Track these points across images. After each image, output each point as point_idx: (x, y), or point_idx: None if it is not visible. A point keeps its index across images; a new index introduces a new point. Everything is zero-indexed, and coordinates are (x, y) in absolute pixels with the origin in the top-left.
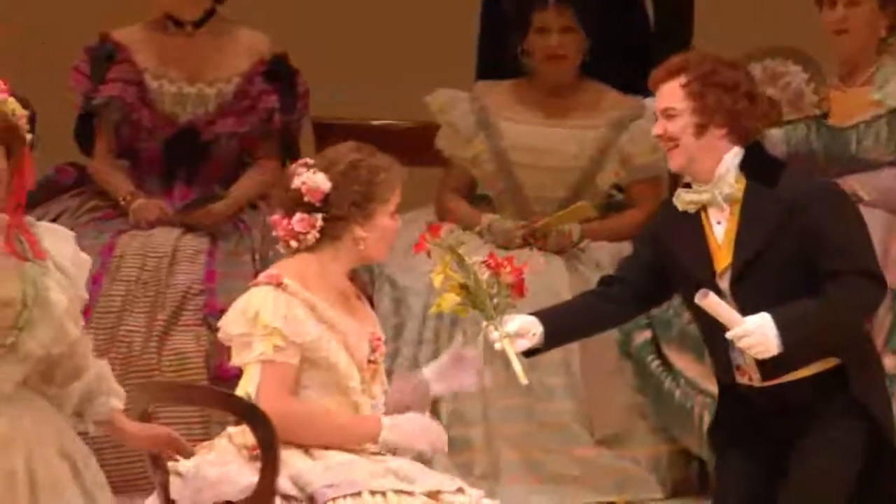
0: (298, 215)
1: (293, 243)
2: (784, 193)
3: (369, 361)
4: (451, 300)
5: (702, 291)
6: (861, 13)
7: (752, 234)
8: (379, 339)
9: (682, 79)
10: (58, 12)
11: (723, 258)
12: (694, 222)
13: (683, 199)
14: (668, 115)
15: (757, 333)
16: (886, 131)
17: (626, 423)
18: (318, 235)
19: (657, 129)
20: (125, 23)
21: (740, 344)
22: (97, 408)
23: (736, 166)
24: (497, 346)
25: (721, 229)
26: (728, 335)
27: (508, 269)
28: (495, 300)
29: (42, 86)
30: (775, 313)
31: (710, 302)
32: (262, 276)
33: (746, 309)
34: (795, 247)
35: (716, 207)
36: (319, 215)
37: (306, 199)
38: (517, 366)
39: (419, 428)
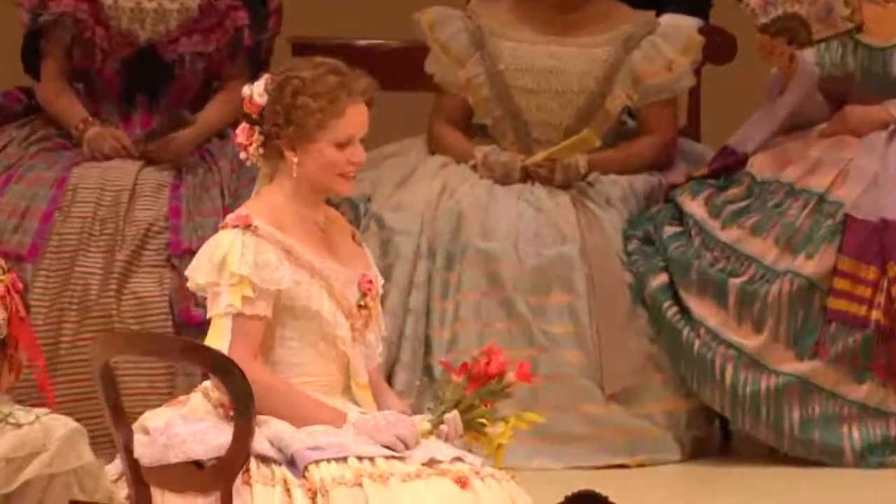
0: (242, 124)
1: (243, 155)
2: None
3: (360, 307)
4: None
5: None
6: None
7: None
8: (371, 281)
9: None
10: None
11: None
12: None
13: None
14: None
15: None
16: None
17: (639, 376)
18: (261, 150)
19: None
20: None
21: None
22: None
23: None
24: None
25: None
26: None
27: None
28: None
29: None
30: None
31: None
32: (229, 218)
33: None
34: None
35: None
36: (257, 129)
37: (245, 109)
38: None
39: (386, 423)
